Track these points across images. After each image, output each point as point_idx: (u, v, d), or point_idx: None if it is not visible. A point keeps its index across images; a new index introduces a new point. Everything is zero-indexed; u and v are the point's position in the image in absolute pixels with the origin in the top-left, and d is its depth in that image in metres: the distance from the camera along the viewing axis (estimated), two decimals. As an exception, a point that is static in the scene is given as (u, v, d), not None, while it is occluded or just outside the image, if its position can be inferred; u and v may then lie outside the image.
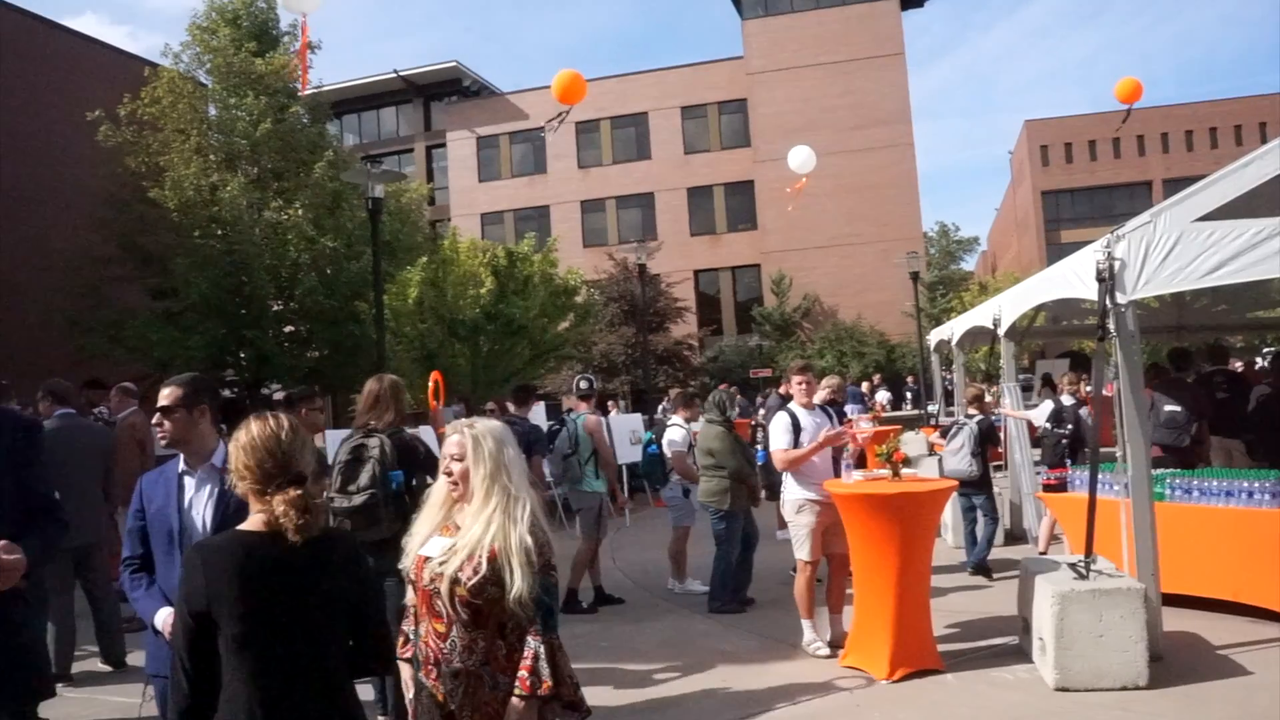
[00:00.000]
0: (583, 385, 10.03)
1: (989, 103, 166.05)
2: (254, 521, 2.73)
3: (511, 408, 9.73)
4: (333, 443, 7.48)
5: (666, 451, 10.05)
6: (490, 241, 28.97)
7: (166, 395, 3.94)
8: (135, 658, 7.37)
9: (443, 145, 50.72)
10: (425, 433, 8.74)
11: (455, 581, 3.11)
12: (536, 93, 45.92)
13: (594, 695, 3.98)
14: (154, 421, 3.95)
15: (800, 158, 18.78)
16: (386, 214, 20.60)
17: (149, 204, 22.63)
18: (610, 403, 29.13)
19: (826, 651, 7.14)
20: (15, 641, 3.73)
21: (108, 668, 7.72)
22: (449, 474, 3.31)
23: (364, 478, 5.54)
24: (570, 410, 9.67)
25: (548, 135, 38.86)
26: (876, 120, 42.27)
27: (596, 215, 47.59)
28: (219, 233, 22.98)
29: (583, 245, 44.77)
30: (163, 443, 3.96)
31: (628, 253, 29.68)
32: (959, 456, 9.78)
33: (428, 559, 3.22)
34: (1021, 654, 6.79)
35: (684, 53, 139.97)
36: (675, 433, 9.94)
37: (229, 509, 3.57)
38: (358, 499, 5.50)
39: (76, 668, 7.57)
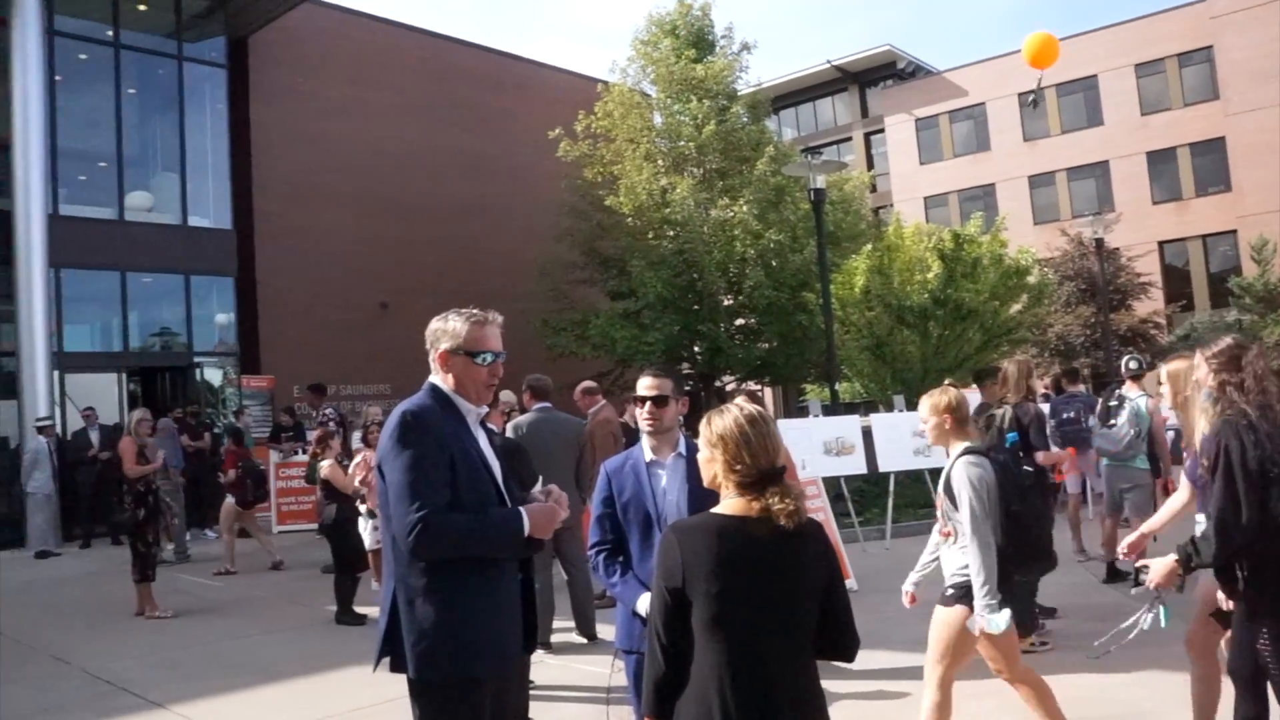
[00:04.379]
0: (1132, 365, 10.18)
1: None
2: (727, 506, 2.79)
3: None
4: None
5: None
6: (935, 225, 28.31)
7: (658, 386, 4.11)
8: (604, 631, 7.81)
9: (881, 131, 50.22)
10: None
11: None
12: (975, 68, 44.43)
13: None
14: (645, 413, 4.09)
15: None
16: (829, 204, 20.70)
17: (606, 211, 24.24)
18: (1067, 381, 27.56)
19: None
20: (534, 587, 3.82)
21: (582, 639, 8.24)
22: None
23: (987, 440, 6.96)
24: (1117, 388, 9.78)
25: (1029, 108, 37.00)
26: (1383, 52, 36.42)
27: (1046, 190, 45.00)
28: (670, 233, 24.14)
29: (1033, 222, 42.45)
30: (649, 429, 4.10)
31: (1082, 227, 28.02)
32: None
33: None
34: None
35: (1134, 4, 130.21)
36: None
37: (701, 494, 3.58)
38: None
39: (554, 638, 8.17)
